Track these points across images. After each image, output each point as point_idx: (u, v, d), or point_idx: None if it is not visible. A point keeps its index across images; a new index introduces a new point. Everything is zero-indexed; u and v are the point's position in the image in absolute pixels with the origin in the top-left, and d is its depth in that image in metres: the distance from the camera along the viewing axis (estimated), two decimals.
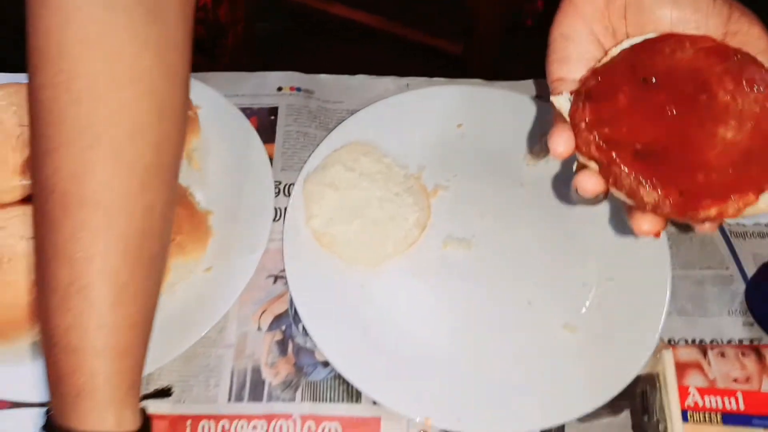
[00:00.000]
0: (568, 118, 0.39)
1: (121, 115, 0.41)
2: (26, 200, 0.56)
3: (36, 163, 0.42)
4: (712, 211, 0.36)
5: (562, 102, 0.40)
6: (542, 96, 0.69)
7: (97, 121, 0.40)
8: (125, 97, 0.41)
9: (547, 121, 0.67)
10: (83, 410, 0.40)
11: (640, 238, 0.60)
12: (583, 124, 0.38)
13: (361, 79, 0.72)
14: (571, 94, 0.40)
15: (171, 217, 0.46)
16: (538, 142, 0.66)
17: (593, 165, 0.38)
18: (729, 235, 0.63)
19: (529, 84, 0.70)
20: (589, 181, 0.38)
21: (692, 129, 0.37)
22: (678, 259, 0.61)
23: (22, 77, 0.53)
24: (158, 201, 0.43)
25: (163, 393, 0.43)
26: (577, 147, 0.38)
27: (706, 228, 0.37)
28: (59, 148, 0.40)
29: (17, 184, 0.55)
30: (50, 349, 0.41)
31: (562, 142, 0.38)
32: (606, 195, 0.41)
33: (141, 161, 0.42)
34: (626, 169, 0.37)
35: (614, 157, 0.37)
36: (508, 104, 0.68)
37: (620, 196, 0.38)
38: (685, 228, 0.62)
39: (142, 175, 0.42)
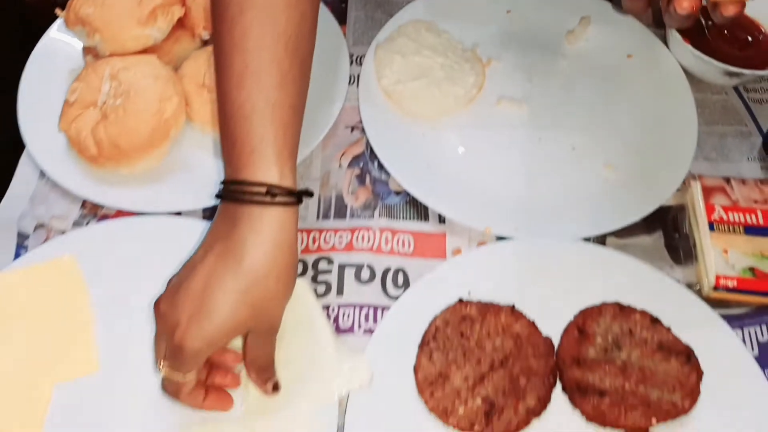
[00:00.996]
0: None
1: None
2: (144, 51, 0.66)
3: None
4: None
5: None
6: None
7: None
8: None
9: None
10: (254, 165, 0.48)
11: (672, 97, 0.69)
12: None
13: None
14: None
15: (315, 31, 0.55)
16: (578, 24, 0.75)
17: None
18: (747, 100, 0.72)
19: None
20: None
21: None
22: (703, 118, 0.69)
23: None
24: (308, 11, 0.53)
25: (308, 193, 0.50)
26: None
27: (730, 11, 0.46)
28: None
29: (140, 34, 0.64)
30: (228, 120, 0.50)
31: None
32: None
33: None
34: None
35: None
36: None
37: None
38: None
39: None
